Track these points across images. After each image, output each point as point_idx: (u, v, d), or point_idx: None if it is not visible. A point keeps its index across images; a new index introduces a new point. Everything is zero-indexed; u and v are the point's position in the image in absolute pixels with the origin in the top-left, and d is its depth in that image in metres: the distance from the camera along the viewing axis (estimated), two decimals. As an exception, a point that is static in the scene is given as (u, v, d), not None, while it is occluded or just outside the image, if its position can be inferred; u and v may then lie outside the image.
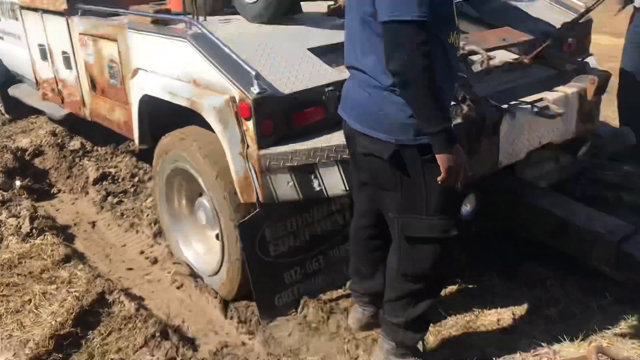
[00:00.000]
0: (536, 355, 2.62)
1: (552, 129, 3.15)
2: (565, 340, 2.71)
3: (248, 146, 2.68)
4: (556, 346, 2.68)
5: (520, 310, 2.96)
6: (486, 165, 2.92)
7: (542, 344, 2.69)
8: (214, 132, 2.77)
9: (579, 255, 3.09)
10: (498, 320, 2.89)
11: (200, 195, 3.29)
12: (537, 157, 3.80)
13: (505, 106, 2.88)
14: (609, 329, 2.79)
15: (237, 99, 2.63)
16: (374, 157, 2.21)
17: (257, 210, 2.86)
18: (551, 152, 3.84)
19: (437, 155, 2.09)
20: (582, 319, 2.86)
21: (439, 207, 2.22)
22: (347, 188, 2.71)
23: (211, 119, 2.73)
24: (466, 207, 3.04)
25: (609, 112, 4.95)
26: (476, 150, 2.78)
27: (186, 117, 3.03)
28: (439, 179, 2.14)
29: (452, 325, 2.87)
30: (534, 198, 3.30)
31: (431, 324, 2.66)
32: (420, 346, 2.59)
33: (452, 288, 3.15)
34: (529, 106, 2.96)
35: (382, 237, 2.60)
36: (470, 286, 3.16)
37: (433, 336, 2.79)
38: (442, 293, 2.90)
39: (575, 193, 3.97)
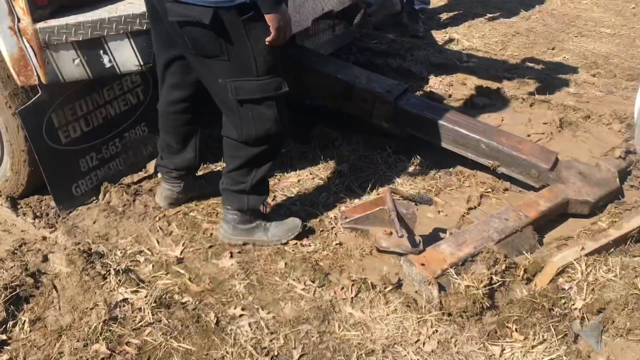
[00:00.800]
0: (335, 205, 2.92)
1: (333, -3, 3.30)
2: (357, 189, 3.05)
3: (19, 19, 2.35)
4: (350, 195, 3.01)
5: (316, 169, 3.21)
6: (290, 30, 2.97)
7: (339, 195, 3.00)
8: (-29, 4, 2.36)
9: (362, 115, 3.41)
10: (298, 180, 3.12)
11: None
12: (316, 29, 3.98)
13: (291, -28, 2.91)
14: (391, 175, 3.19)
15: (-3, -39, 2.25)
16: (192, 24, 2.10)
17: (40, 94, 2.59)
18: (328, 22, 4.05)
19: (266, 16, 2.07)
20: (369, 170, 3.22)
21: (269, 67, 2.24)
22: (142, 63, 2.57)
23: (-35, -13, 2.31)
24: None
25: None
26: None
27: None
28: (268, 39, 2.14)
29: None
30: (320, 65, 3.49)
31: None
32: (261, 208, 2.68)
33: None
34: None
35: (193, 110, 2.56)
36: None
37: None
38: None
39: (349, 61, 4.29)
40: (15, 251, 2.56)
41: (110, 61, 2.55)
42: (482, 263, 2.35)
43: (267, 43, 2.17)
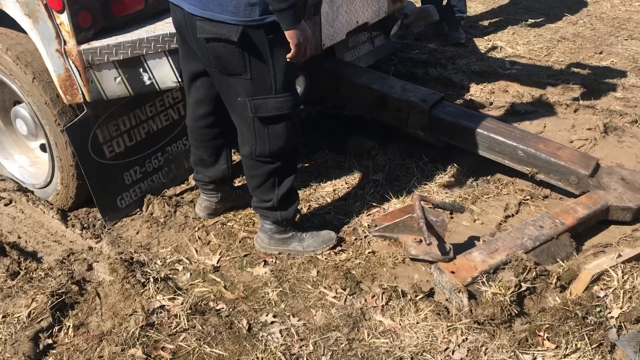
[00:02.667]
0: (369, 214, 2.94)
1: (367, 9, 3.34)
2: (392, 198, 3.06)
3: (65, 42, 2.51)
4: (385, 205, 3.02)
5: (352, 179, 3.24)
6: (311, 47, 3.04)
7: (373, 204, 3.02)
8: (23, 30, 2.53)
9: (397, 124, 3.42)
10: (334, 190, 3.16)
11: (16, 103, 3.03)
12: (355, 41, 4.04)
13: (323, -13, 2.98)
14: (426, 184, 3.19)
15: (44, -10, 2.41)
16: (219, 41, 2.18)
17: (85, 111, 2.74)
18: (366, 34, 4.10)
19: (286, 32, 2.14)
20: (404, 179, 3.23)
21: (285, 85, 2.31)
22: (179, 80, 2.68)
23: (16, 14, 2.49)
24: (297, 89, 3.17)
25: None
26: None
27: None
28: (288, 56, 2.21)
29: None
30: (355, 76, 3.53)
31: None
32: (296, 217, 2.74)
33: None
34: (345, -13, 3.09)
35: (220, 124, 2.65)
36: (306, 165, 3.37)
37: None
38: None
39: (390, 72, 4.32)
40: (64, 260, 2.71)
41: (149, 78, 2.67)
42: (510, 270, 2.32)
43: (287, 60, 2.23)
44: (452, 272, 2.38)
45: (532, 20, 5.51)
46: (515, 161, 3.07)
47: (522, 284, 2.28)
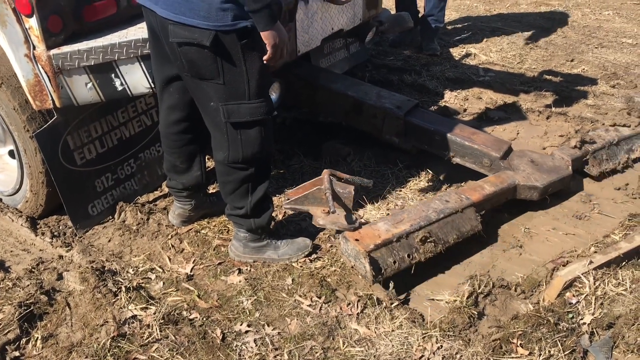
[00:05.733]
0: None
1: (342, 16, 3.34)
2: (367, 204, 3.06)
3: (34, 47, 2.46)
4: (360, 211, 3.02)
5: (328, 185, 3.23)
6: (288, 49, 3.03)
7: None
8: (-11, 33, 2.48)
9: (372, 131, 3.43)
10: (309, 197, 3.14)
11: (-17, 109, 2.96)
12: (330, 48, 4.04)
13: (298, -7, 2.98)
14: (401, 190, 3.20)
15: (13, -7, 2.36)
16: (191, 45, 2.16)
17: (55, 117, 2.68)
18: (342, 41, 4.11)
19: (262, 33, 2.12)
20: (380, 185, 3.23)
21: (259, 91, 2.29)
22: (152, 85, 2.64)
23: (-17, 19, 2.43)
24: (272, 95, 3.16)
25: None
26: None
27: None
28: (264, 57, 2.19)
29: (268, 208, 3.05)
30: (330, 82, 3.53)
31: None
32: (271, 225, 2.72)
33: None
34: (320, -7, 3.10)
35: (194, 130, 2.62)
36: (281, 171, 3.35)
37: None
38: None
39: (365, 78, 4.33)
40: (32, 270, 2.64)
41: (121, 84, 2.63)
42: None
43: (264, 61, 2.22)
44: (356, 240, 2.47)
45: (506, 28, 5.58)
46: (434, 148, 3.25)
47: (478, 292, 2.33)
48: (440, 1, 4.83)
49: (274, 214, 2.77)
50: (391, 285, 2.45)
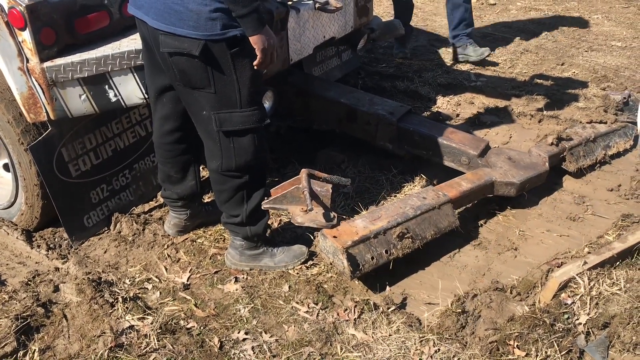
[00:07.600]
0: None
1: (334, 24, 3.37)
2: (362, 210, 3.08)
3: (28, 60, 2.47)
4: (355, 216, 3.03)
5: (322, 192, 3.24)
6: (278, 61, 3.05)
7: (344, 216, 3.03)
8: (-18, 47, 2.49)
9: (366, 137, 3.45)
10: (304, 204, 3.15)
11: (-23, 123, 2.96)
12: (322, 56, 4.07)
13: (290, 2, 3.00)
14: (396, 195, 3.21)
15: (5, 7, 2.37)
16: (181, 55, 2.18)
17: (49, 129, 2.69)
18: (334, 49, 4.13)
19: (251, 38, 2.14)
20: (374, 192, 3.25)
21: (250, 99, 2.30)
22: (146, 96, 2.66)
23: (-24, 33, 2.44)
24: (265, 104, 3.17)
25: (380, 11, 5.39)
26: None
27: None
28: (255, 62, 2.21)
29: (264, 216, 3.06)
30: (323, 90, 3.55)
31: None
32: (266, 232, 2.73)
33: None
34: (311, 2, 3.12)
35: (187, 139, 2.63)
36: (276, 179, 3.36)
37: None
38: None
39: (358, 86, 4.36)
40: (29, 282, 2.64)
41: (115, 95, 2.64)
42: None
43: (255, 69, 2.24)
44: (334, 237, 2.48)
45: (496, 34, 5.62)
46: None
47: (474, 295, 2.37)
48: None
49: (269, 222, 2.77)
50: (388, 288, 2.46)
